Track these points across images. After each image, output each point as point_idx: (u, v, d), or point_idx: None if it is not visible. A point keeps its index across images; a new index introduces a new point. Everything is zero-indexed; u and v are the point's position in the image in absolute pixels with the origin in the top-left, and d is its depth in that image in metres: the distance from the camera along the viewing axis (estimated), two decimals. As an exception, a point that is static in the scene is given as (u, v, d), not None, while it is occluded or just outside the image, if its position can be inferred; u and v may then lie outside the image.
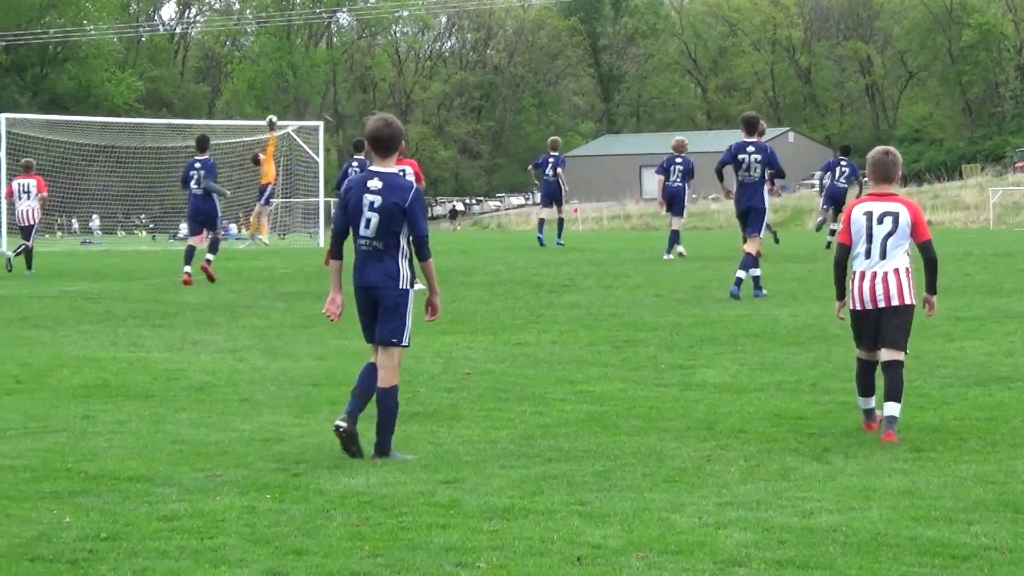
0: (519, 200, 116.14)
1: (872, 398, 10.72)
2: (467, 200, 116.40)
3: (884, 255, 10.50)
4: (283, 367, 14.65)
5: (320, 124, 51.61)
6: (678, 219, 30.18)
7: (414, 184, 9.97)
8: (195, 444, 10.41)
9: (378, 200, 9.79)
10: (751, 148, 20.63)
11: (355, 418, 9.89)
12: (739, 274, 20.61)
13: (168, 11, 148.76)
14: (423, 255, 9.90)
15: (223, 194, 26.89)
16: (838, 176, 32.38)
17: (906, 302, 10.49)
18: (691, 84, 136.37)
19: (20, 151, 45.77)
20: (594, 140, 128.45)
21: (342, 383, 13.37)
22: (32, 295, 23.41)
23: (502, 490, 8.74)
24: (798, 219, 75.65)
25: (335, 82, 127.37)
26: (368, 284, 9.88)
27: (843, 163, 32.68)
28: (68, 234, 61.53)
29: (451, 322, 17.80)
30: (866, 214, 10.60)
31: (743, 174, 20.62)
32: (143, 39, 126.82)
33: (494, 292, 22.63)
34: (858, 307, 10.58)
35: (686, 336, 16.69)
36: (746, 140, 20.75)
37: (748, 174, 20.59)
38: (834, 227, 31.67)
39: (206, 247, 25.91)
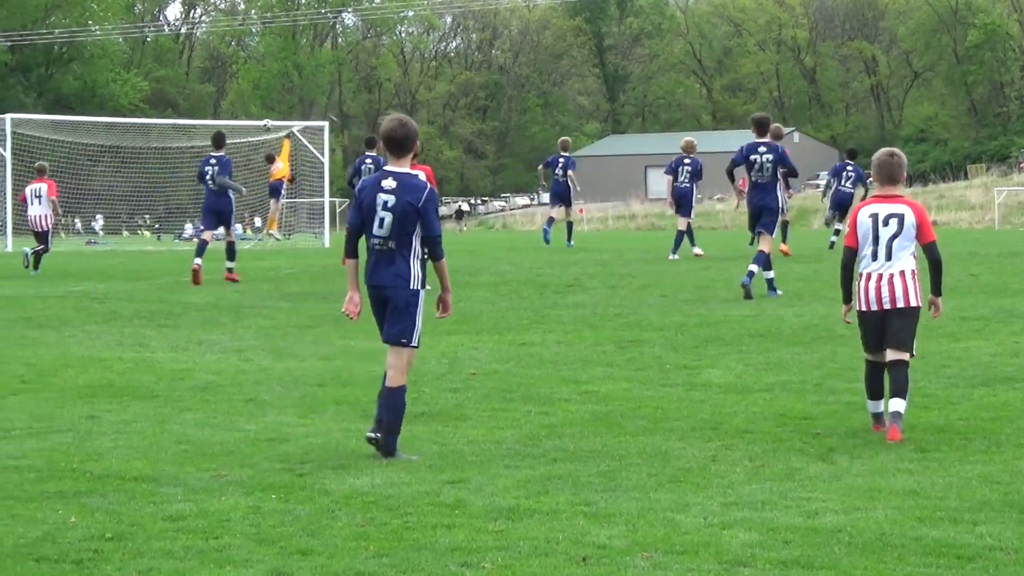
0: (524, 200, 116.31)
1: (881, 401, 10.69)
2: (472, 200, 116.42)
3: (890, 257, 10.50)
4: (288, 367, 14.65)
5: (325, 124, 51.65)
6: (684, 219, 30.19)
7: (428, 184, 9.96)
8: (200, 444, 10.42)
9: (392, 200, 9.81)
10: (762, 148, 20.87)
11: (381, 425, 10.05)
12: (752, 267, 20.79)
13: (173, 11, 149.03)
14: (436, 255, 9.95)
15: (238, 190, 26.99)
16: (843, 181, 32.33)
17: (911, 304, 10.49)
18: (696, 84, 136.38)
19: (25, 151, 45.82)
20: (599, 140, 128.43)
21: (347, 383, 13.39)
22: (37, 295, 23.43)
23: (507, 490, 8.74)
24: (803, 219, 75.53)
25: (340, 82, 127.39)
26: (379, 283, 9.91)
27: (849, 167, 32.64)
28: (72, 234, 61.51)
29: (456, 322, 17.79)
30: (871, 216, 10.59)
31: (756, 174, 20.86)
32: (148, 39, 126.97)
33: (499, 292, 22.64)
34: (864, 308, 10.57)
35: (691, 336, 16.69)
36: (757, 140, 20.99)
37: (760, 174, 20.82)
38: (839, 228, 31.66)
39: (223, 249, 26.04)
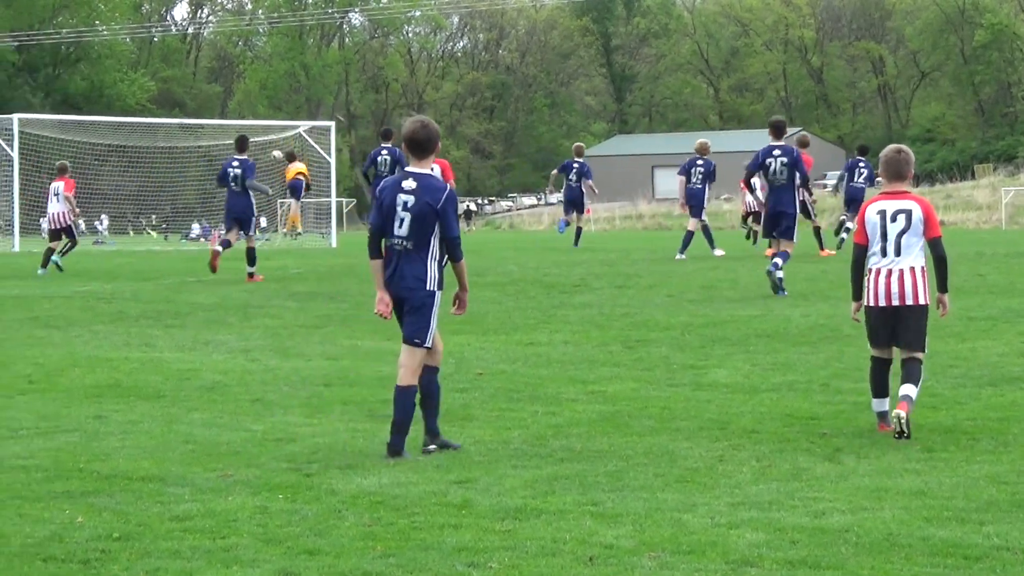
0: (531, 200, 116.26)
1: (886, 400, 10.68)
2: (479, 200, 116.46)
3: (899, 252, 10.52)
4: (295, 367, 14.65)
5: (332, 124, 51.68)
6: (694, 220, 30.18)
7: (447, 186, 10.02)
8: (207, 444, 10.42)
9: (411, 200, 9.86)
10: (777, 152, 21.14)
11: (436, 433, 10.17)
12: (777, 260, 20.86)
13: (180, 11, 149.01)
14: (455, 256, 10.00)
15: (265, 192, 27.04)
16: (856, 177, 32.25)
17: (920, 302, 10.50)
18: (703, 84, 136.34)
19: (32, 151, 45.90)
20: (606, 140, 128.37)
21: (354, 383, 13.40)
22: (44, 295, 23.44)
23: (514, 490, 8.74)
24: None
25: (347, 82, 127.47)
26: (397, 284, 9.95)
27: (861, 164, 32.55)
28: (79, 234, 61.53)
29: (463, 322, 17.76)
30: (880, 212, 10.60)
31: (772, 177, 21.30)
32: (155, 39, 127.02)
33: (506, 292, 22.64)
34: (873, 303, 10.57)
35: (698, 336, 16.68)
36: (773, 144, 21.22)
37: (777, 177, 21.13)
38: (850, 226, 31.60)
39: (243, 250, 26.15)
